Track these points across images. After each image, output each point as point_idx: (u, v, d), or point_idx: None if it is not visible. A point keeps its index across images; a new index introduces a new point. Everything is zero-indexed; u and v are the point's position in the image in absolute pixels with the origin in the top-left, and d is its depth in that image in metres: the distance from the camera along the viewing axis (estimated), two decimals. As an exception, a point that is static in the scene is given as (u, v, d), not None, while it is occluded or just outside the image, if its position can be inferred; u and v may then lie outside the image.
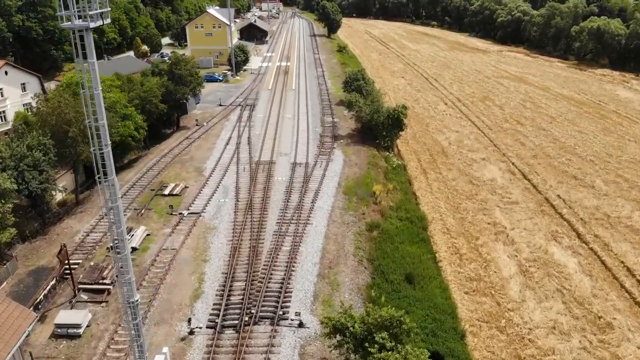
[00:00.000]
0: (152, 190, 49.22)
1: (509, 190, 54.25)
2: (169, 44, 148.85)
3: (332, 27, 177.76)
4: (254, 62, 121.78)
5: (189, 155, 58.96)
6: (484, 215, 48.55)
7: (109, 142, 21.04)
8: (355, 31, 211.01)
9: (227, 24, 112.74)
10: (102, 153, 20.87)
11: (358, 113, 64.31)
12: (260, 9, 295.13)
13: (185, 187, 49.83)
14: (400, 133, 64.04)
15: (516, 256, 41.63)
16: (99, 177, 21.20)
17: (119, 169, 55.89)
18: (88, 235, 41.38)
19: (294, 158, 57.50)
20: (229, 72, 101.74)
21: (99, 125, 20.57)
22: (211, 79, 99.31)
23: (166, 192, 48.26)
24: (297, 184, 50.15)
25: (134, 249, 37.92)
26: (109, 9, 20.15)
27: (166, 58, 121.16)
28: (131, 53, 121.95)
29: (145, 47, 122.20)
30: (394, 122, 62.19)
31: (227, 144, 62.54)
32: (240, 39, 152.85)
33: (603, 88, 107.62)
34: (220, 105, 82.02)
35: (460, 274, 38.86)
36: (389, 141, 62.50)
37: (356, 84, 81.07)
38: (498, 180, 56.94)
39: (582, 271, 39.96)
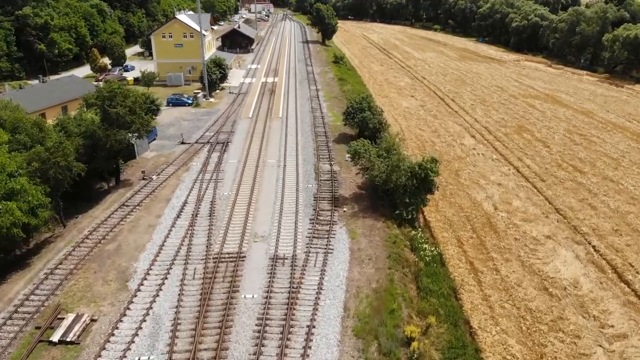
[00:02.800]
0: (37, 328, 29.52)
1: (604, 306, 35.05)
2: (139, 54, 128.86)
3: (327, 32, 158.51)
4: (235, 77, 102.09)
5: (116, 241, 39.22)
6: (584, 367, 29.40)
7: None
8: (351, 36, 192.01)
9: (202, 33, 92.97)
10: None
11: (368, 171, 44.77)
12: (249, 11, 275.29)
13: (92, 320, 30.13)
14: (428, 197, 44.66)
15: None
16: None
17: (4, 267, 36.21)
18: None
19: (275, 246, 37.96)
20: (201, 93, 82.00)
21: None
22: (178, 102, 79.55)
23: (57, 335, 28.55)
24: (277, 312, 30.63)
25: None
26: None
27: (130, 71, 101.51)
28: (87, 68, 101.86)
29: (104, 60, 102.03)
30: (421, 184, 42.90)
31: (177, 216, 42.89)
32: (222, 47, 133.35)
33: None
34: (183, 143, 62.29)
35: None
36: (413, 211, 43.11)
37: (361, 116, 61.69)
38: (581, 282, 37.70)
39: None
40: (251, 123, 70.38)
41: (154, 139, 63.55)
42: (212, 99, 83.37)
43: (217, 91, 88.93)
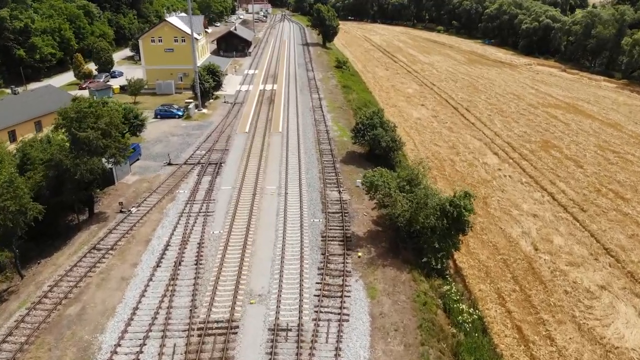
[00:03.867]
0: None
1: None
2: (129, 57, 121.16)
3: (328, 34, 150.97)
4: (231, 84, 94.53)
5: (80, 302, 31.68)
6: None
7: None
8: (353, 38, 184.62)
9: (194, 37, 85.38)
10: None
11: (388, 208, 37.19)
12: (247, 11, 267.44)
13: None
14: (460, 239, 37.18)
15: None
16: None
17: None
18: None
19: (276, 310, 30.46)
20: (192, 103, 74.43)
21: None
22: (167, 114, 71.96)
23: None
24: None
25: None
26: None
27: (118, 77, 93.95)
28: (72, 74, 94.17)
29: (88, 66, 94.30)
30: (453, 224, 35.46)
31: (157, 264, 35.37)
32: (218, 50, 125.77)
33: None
34: (170, 164, 54.75)
35: None
36: (443, 258, 35.64)
37: (372, 134, 54.22)
38: (660, 355, 30.30)
39: None
40: (248, 139, 62.86)
41: (138, 159, 55.98)
42: (204, 110, 75.79)
43: (211, 101, 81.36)
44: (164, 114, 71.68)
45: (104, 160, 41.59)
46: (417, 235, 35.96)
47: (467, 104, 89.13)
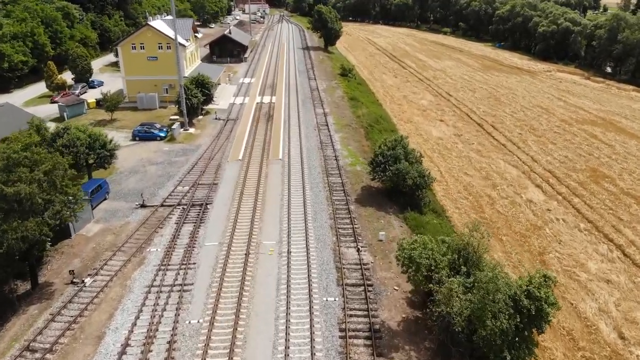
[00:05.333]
0: None
1: None
2: (113, 64, 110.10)
3: (330, 38, 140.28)
4: (224, 96, 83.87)
5: None
6: None
7: None
8: (355, 40, 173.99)
9: (181, 44, 74.73)
10: None
11: (441, 306, 26.04)
12: (243, 12, 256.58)
13: None
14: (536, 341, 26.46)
15: None
16: None
17: None
18: None
19: None
20: (177, 123, 63.67)
21: None
22: (147, 136, 61.18)
23: None
24: None
25: None
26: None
27: (98, 87, 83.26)
28: (42, 85, 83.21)
29: (62, 77, 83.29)
30: (528, 321, 24.81)
31: (108, 385, 24.74)
32: (211, 55, 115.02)
33: None
34: (143, 206, 43.99)
35: None
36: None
37: (395, 169, 43.56)
38: None
39: None
40: (241, 169, 52.14)
41: (105, 199, 45.25)
42: (191, 130, 65.01)
43: (200, 117, 70.58)
44: (143, 135, 60.91)
45: (46, 218, 30.74)
46: (479, 340, 25.24)
47: (492, 119, 78.58)
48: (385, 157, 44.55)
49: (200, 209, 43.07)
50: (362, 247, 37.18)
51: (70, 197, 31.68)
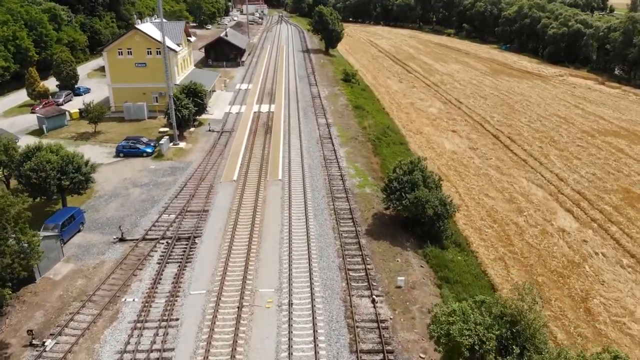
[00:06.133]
0: None
1: None
2: (102, 68, 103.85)
3: (331, 40, 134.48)
4: (219, 104, 78.10)
5: None
6: None
7: None
8: (356, 42, 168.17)
9: (172, 49, 68.95)
10: None
11: None
12: (241, 12, 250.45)
13: None
14: None
15: None
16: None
17: None
18: None
19: None
20: (166, 137, 57.78)
21: None
22: (132, 152, 55.27)
23: None
24: None
25: None
26: None
27: (84, 95, 77.61)
28: (25, 92, 77.19)
29: (44, 84, 77.31)
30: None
31: None
32: (206, 59, 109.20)
33: None
34: (122, 240, 38.10)
35: None
36: None
37: (413, 197, 37.72)
38: None
39: None
40: (236, 192, 46.32)
41: (79, 230, 39.38)
42: (182, 144, 59.12)
43: (192, 129, 64.75)
44: (128, 151, 55.00)
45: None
46: None
47: (508, 129, 72.80)
48: (401, 183, 38.73)
49: (187, 244, 37.22)
50: (377, 296, 31.36)
51: (25, 246, 25.76)
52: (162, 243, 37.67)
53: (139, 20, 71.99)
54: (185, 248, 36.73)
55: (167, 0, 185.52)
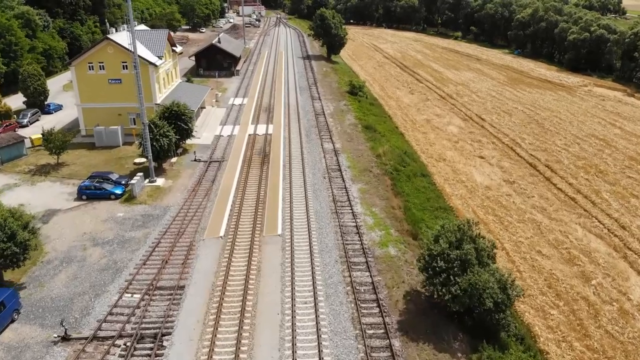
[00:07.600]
0: None
1: None
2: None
3: (334, 46, 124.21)
4: (209, 124, 67.82)
5: None
6: None
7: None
8: (359, 46, 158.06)
9: (151, 62, 58.63)
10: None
11: None
12: (237, 14, 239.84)
13: None
14: None
15: None
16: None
17: None
18: None
19: None
20: (139, 175, 47.22)
21: None
22: (97, 194, 44.78)
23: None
24: None
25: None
26: None
27: (55, 113, 67.24)
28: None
29: (5, 102, 66.79)
30: None
31: None
32: (197, 68, 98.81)
33: None
34: (65, 338, 27.67)
35: None
36: None
37: (466, 281, 27.44)
38: None
39: None
40: (221, 256, 35.95)
41: (12, 321, 29.01)
42: (159, 181, 48.66)
43: (174, 159, 54.36)
44: (92, 193, 44.53)
45: None
46: None
47: (544, 155, 62.68)
48: (448, 261, 28.40)
49: (151, 347, 26.91)
50: None
51: None
52: (119, 345, 27.32)
53: (113, 29, 61.27)
54: (150, 354, 26.41)
55: (158, 2, 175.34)
